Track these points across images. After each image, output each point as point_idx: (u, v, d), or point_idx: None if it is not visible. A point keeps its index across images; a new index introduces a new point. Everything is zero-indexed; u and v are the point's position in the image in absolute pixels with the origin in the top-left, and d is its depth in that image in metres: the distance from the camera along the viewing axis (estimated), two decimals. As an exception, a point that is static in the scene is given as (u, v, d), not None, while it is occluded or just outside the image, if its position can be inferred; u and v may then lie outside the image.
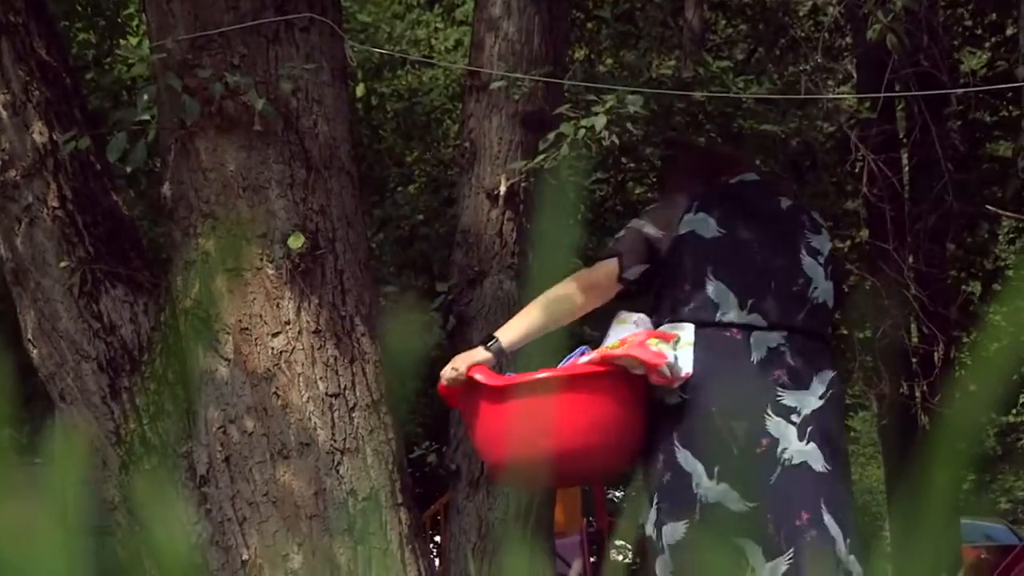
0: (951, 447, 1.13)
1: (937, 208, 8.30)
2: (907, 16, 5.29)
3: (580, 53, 9.56)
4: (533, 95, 4.72)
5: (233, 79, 3.77)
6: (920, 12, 5.91)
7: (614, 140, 4.43)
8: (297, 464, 3.80)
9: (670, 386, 3.06)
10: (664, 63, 9.51)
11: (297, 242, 3.84)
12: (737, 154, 3.90)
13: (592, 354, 3.14)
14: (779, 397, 3.04)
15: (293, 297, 3.86)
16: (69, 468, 1.06)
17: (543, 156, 4.41)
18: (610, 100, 4.40)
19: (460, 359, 3.19)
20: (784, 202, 3.30)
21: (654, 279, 3.20)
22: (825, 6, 9.38)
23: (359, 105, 9.33)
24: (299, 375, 3.84)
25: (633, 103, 4.41)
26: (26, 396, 6.67)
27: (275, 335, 3.85)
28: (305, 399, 3.84)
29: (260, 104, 3.77)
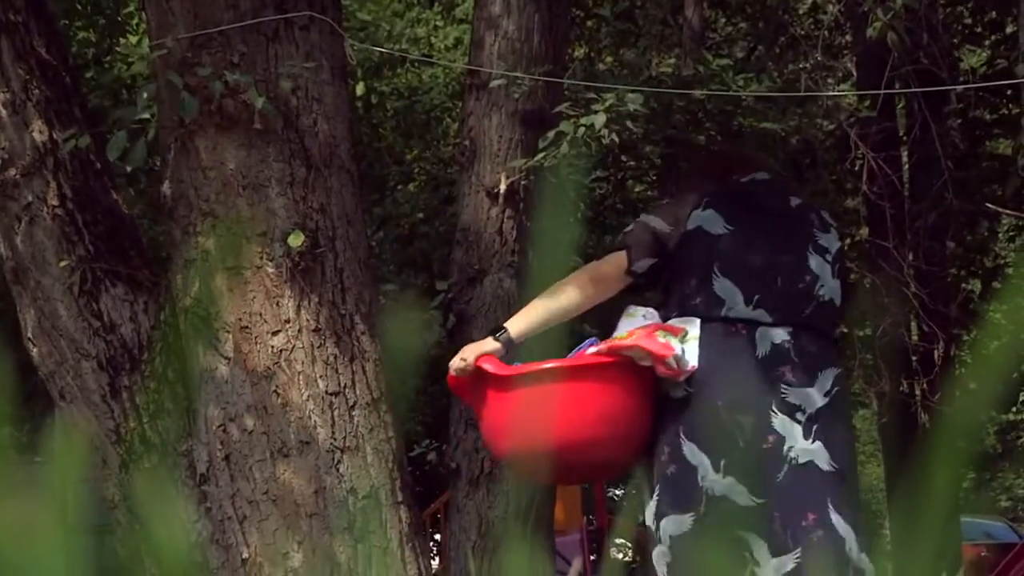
0: (951, 445, 1.13)
1: (937, 206, 8.30)
2: (907, 14, 5.29)
3: (580, 51, 9.56)
4: (533, 93, 4.72)
5: (233, 77, 3.77)
6: (920, 10, 5.91)
7: (614, 138, 4.43)
8: (297, 462, 3.80)
9: (676, 378, 3.07)
10: (664, 61, 9.52)
11: (297, 240, 3.84)
12: (751, 154, 3.92)
13: (600, 345, 3.16)
14: (784, 394, 3.05)
15: (293, 295, 3.85)
16: (69, 467, 1.06)
17: (543, 154, 4.42)
18: (610, 98, 4.41)
19: (468, 349, 3.21)
20: (793, 201, 3.33)
21: (662, 273, 3.21)
22: (825, 4, 9.38)
23: (359, 103, 9.33)
24: (299, 373, 3.84)
25: (633, 101, 4.42)
26: (26, 394, 6.67)
27: (275, 333, 3.85)
28: (305, 397, 3.84)
29: (260, 102, 3.77)
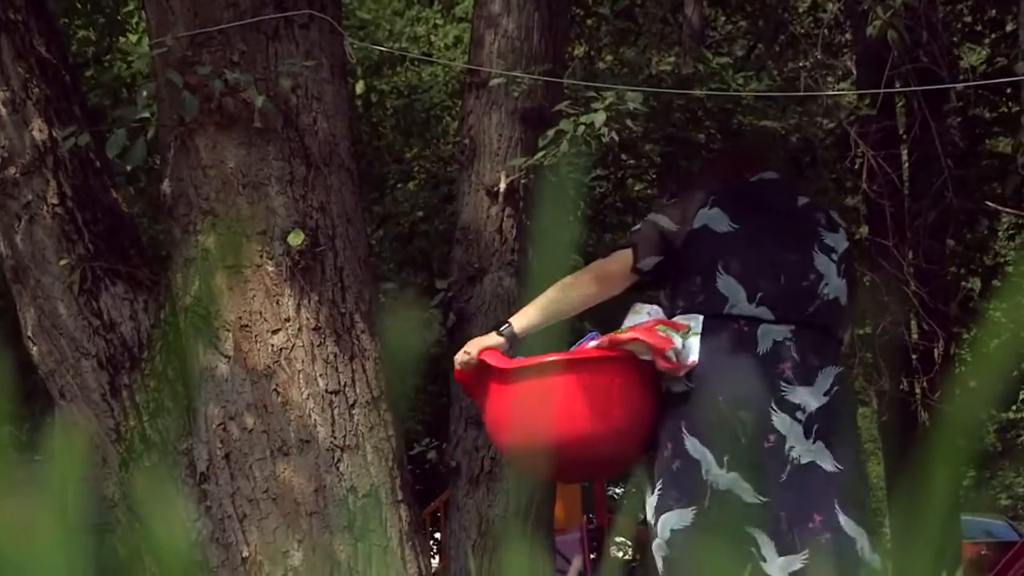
0: (951, 443, 1.13)
1: (937, 204, 8.29)
2: (907, 12, 5.28)
3: (580, 50, 9.55)
4: (533, 92, 4.72)
5: (233, 76, 3.77)
6: (920, 8, 5.91)
7: (613, 137, 4.43)
8: (297, 461, 3.80)
9: (676, 372, 3.08)
10: (664, 60, 9.51)
11: (297, 239, 3.84)
12: (762, 153, 3.93)
13: (601, 339, 3.17)
14: (783, 392, 3.05)
15: (293, 294, 3.85)
16: (69, 465, 1.06)
17: (543, 153, 4.42)
18: (610, 97, 4.41)
19: (472, 343, 3.23)
20: (801, 200, 3.34)
21: (668, 271, 3.23)
22: (825, 2, 9.37)
23: (359, 102, 9.32)
24: (299, 372, 3.84)
25: (633, 100, 4.42)
26: (26, 393, 6.67)
27: (275, 332, 3.85)
28: (305, 396, 3.84)
29: (260, 101, 3.77)
